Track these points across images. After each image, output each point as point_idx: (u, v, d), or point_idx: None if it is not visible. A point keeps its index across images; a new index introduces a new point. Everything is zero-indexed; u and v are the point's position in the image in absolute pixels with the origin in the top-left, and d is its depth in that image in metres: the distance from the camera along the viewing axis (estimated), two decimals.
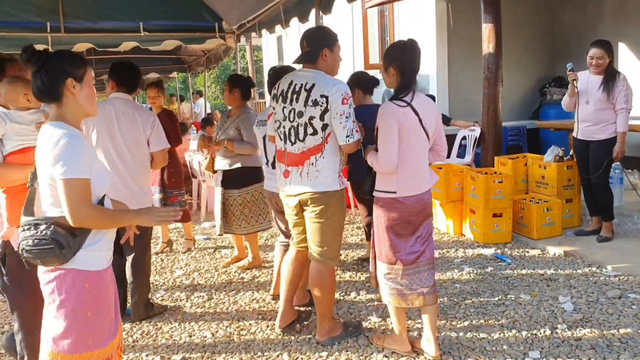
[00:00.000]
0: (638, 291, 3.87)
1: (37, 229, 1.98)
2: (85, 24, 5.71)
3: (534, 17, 8.84)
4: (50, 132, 2.01)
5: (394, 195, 2.93)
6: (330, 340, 3.31)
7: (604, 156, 4.78)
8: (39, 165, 2.06)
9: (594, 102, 4.76)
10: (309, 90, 2.99)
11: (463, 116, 7.78)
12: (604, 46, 4.72)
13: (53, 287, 2.02)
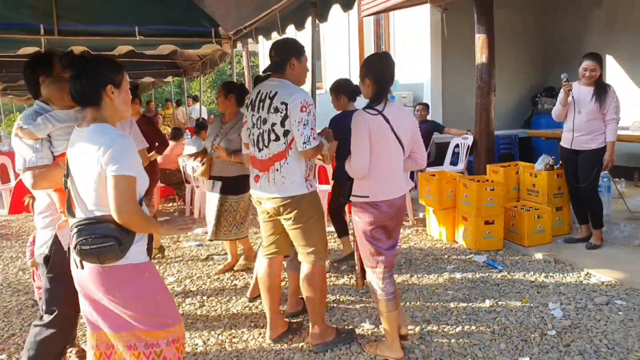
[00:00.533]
0: (625, 298, 3.93)
1: (94, 227, 2.08)
2: (80, 27, 5.69)
3: (527, 28, 8.96)
4: (96, 134, 2.11)
5: (367, 200, 3.04)
6: (322, 346, 3.33)
7: (593, 165, 4.87)
8: (78, 166, 2.14)
9: (587, 112, 4.85)
10: (272, 98, 3.11)
11: (456, 124, 7.89)
12: (596, 58, 4.85)
13: (114, 282, 2.15)
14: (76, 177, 2.16)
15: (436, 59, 8.42)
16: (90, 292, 2.21)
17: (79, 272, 2.18)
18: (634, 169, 7.16)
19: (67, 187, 2.20)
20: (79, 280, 2.23)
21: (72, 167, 2.18)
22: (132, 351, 2.23)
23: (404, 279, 4.56)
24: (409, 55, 9.03)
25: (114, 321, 2.23)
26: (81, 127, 2.19)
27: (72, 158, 2.18)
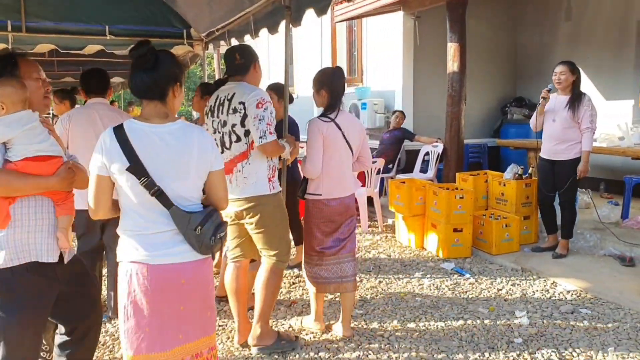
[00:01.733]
0: (589, 307, 4.00)
1: (215, 216, 2.15)
2: (48, 24, 5.54)
3: (498, 39, 9.10)
4: (184, 129, 2.13)
5: (320, 197, 3.39)
6: (261, 348, 3.34)
7: (569, 175, 4.94)
8: (170, 160, 2.07)
9: (561, 120, 4.94)
10: (230, 100, 3.15)
11: (427, 132, 7.95)
12: (567, 64, 4.97)
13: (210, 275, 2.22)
14: (170, 173, 2.07)
15: (408, 66, 8.48)
16: (190, 293, 2.12)
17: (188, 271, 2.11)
18: (599, 180, 7.32)
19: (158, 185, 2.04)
20: (180, 283, 2.09)
21: (160, 163, 2.06)
22: (199, 358, 2.19)
23: (372, 285, 4.55)
24: (381, 62, 9.08)
25: (198, 326, 2.18)
26: (156, 123, 2.10)
27: (158, 154, 2.06)
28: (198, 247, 2.09)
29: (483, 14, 8.52)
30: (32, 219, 2.22)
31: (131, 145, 2.03)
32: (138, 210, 2.09)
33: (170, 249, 2.08)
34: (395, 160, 7.77)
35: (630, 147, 6.10)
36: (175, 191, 2.07)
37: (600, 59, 7.71)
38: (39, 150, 2.23)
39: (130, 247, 2.09)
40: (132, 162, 2.01)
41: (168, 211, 2.06)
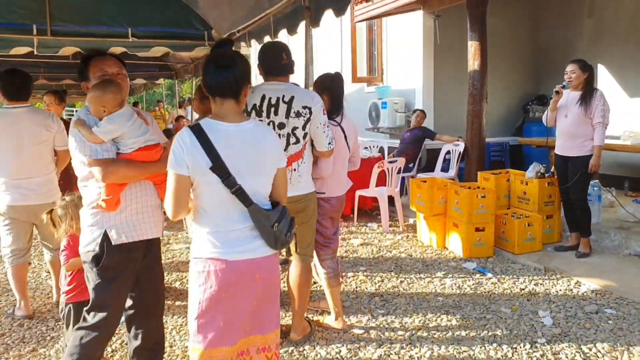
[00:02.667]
0: (614, 306, 3.95)
1: (286, 214, 2.21)
2: (73, 28, 5.64)
3: (519, 37, 9.02)
4: (258, 127, 2.21)
5: (324, 196, 3.53)
6: (304, 339, 3.51)
7: (582, 172, 4.90)
8: (250, 159, 2.13)
9: (572, 115, 4.92)
10: (288, 103, 3.10)
11: (448, 131, 7.91)
12: (577, 62, 4.97)
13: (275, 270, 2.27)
14: (249, 170, 2.12)
15: (428, 65, 8.45)
16: (263, 287, 2.19)
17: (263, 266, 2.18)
18: (624, 178, 7.21)
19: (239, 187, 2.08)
20: (255, 278, 2.16)
21: (240, 161, 2.10)
22: (265, 353, 2.24)
23: (393, 285, 4.55)
24: (401, 62, 9.06)
25: (268, 320, 2.25)
26: (232, 122, 2.14)
27: (238, 152, 2.10)
28: (274, 243, 2.16)
29: (504, 11, 8.44)
30: (140, 201, 2.55)
31: (212, 144, 2.05)
32: (218, 209, 2.12)
33: (247, 245, 2.14)
34: (416, 159, 7.74)
35: None
36: (253, 188, 2.12)
37: (624, 55, 7.58)
38: (147, 140, 2.54)
39: (209, 244, 2.13)
40: (214, 161, 2.04)
41: (247, 209, 2.11)
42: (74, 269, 2.94)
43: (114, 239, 2.47)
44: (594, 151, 4.86)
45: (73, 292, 2.98)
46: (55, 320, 3.99)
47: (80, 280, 2.92)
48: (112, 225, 2.49)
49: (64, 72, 9.23)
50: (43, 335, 3.74)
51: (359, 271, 4.93)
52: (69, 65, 8.77)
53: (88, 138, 2.41)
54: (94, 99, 2.46)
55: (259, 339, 2.22)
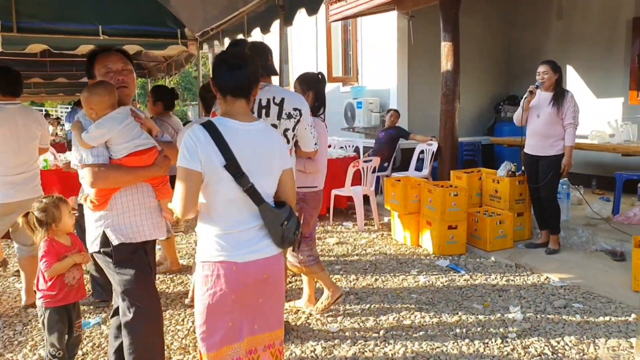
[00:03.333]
0: (582, 301, 4.05)
1: (293, 213, 2.20)
2: (40, 25, 5.52)
3: (491, 38, 9.16)
4: (268, 128, 2.23)
5: (316, 189, 3.70)
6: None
7: (552, 171, 5.02)
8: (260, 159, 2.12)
9: (545, 116, 5.02)
10: (279, 104, 3.10)
11: (421, 130, 8.00)
12: (549, 63, 5.08)
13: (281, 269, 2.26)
14: (259, 170, 2.10)
15: (402, 65, 8.53)
16: (270, 286, 2.19)
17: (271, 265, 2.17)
18: (591, 177, 7.39)
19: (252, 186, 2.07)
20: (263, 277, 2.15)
21: (251, 160, 2.08)
22: (271, 350, 2.24)
23: (368, 283, 4.59)
24: (376, 62, 9.12)
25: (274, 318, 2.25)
26: (243, 121, 2.11)
27: (249, 152, 2.08)
28: (281, 241, 2.16)
29: (476, 13, 8.58)
30: (138, 204, 2.53)
31: (226, 142, 2.03)
32: (227, 208, 2.10)
33: (255, 245, 2.12)
34: (390, 158, 7.81)
35: (621, 144, 6.18)
36: (262, 188, 2.11)
37: (591, 57, 7.78)
38: (139, 145, 2.46)
39: (217, 247, 2.09)
40: (228, 159, 2.02)
41: (258, 207, 2.09)
42: (56, 274, 2.86)
43: (112, 239, 2.47)
44: (566, 151, 4.98)
45: (54, 298, 2.88)
46: (22, 324, 3.91)
47: (61, 285, 2.87)
48: (109, 226, 2.48)
49: (32, 70, 9.03)
50: (10, 340, 3.65)
51: (335, 270, 4.95)
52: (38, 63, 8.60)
53: (79, 142, 2.39)
54: (82, 100, 2.45)
55: (266, 337, 2.22)
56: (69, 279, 2.89)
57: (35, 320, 3.97)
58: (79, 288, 2.96)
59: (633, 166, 6.30)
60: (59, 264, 2.83)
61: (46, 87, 12.41)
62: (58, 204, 2.88)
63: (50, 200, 2.90)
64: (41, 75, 9.46)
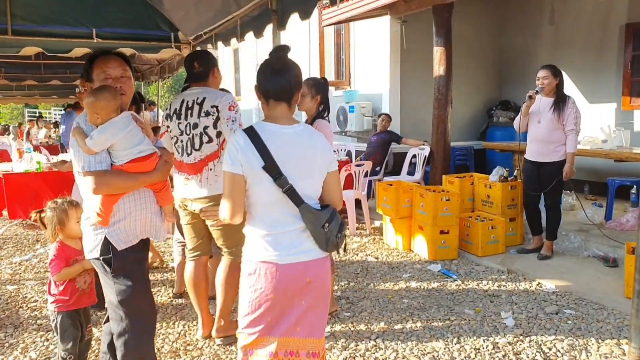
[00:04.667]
0: (574, 307, 4.05)
1: (336, 216, 2.17)
2: (35, 28, 5.51)
3: (483, 43, 9.18)
4: (308, 130, 2.23)
5: None
6: (226, 339, 3.52)
7: (555, 177, 5.01)
8: (301, 159, 2.14)
9: (546, 122, 5.00)
10: (200, 104, 3.33)
11: (414, 135, 8.01)
12: (549, 68, 5.04)
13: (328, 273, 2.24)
14: (298, 172, 2.13)
15: (395, 70, 8.53)
16: (313, 290, 2.18)
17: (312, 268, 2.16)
18: (584, 182, 7.41)
19: (291, 187, 2.09)
20: (305, 280, 2.16)
21: (290, 162, 2.11)
22: (316, 358, 2.23)
23: (360, 287, 4.58)
24: (368, 66, 9.13)
25: (318, 324, 2.24)
26: (284, 124, 2.16)
27: (288, 154, 2.12)
28: (325, 244, 2.14)
29: (469, 17, 8.60)
30: (140, 209, 2.50)
31: (265, 145, 2.07)
32: (269, 210, 2.14)
33: (297, 247, 2.14)
34: (382, 162, 7.81)
35: (613, 150, 6.20)
36: (303, 189, 2.12)
37: (584, 62, 7.82)
38: (141, 151, 2.45)
39: (260, 247, 2.15)
40: (267, 161, 2.06)
41: (298, 209, 2.11)
42: (65, 279, 2.86)
43: (115, 245, 2.44)
44: (568, 158, 4.95)
45: (66, 302, 2.89)
46: (14, 326, 3.89)
47: (73, 289, 2.88)
48: (111, 233, 2.44)
49: (26, 72, 9.00)
50: (1, 342, 3.64)
51: None
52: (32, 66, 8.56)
53: (82, 148, 2.35)
54: (87, 105, 2.40)
55: (309, 342, 2.22)
56: (80, 283, 2.91)
57: (27, 322, 3.97)
58: (90, 292, 2.99)
59: (626, 172, 6.32)
60: (68, 269, 2.85)
61: (40, 89, 12.34)
62: (66, 208, 2.89)
63: (60, 203, 2.92)
64: (35, 77, 9.42)
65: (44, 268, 5.30)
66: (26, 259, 5.67)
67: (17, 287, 4.80)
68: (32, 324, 3.97)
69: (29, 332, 3.80)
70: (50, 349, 3.51)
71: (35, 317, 4.09)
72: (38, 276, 5.10)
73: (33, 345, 3.57)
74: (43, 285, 4.83)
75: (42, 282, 4.92)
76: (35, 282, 4.94)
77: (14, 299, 4.49)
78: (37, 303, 4.37)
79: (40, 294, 4.59)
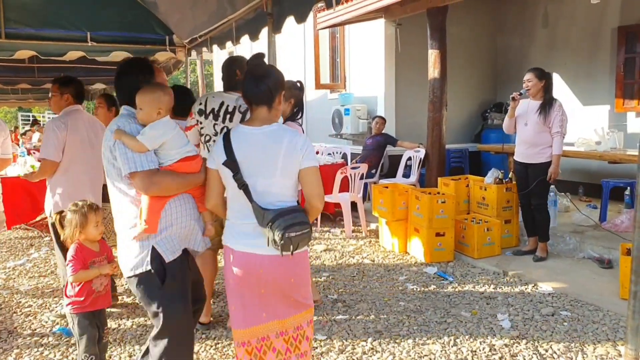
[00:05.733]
0: (569, 308, 4.06)
1: (294, 216, 2.20)
2: (29, 31, 5.49)
3: (478, 45, 9.22)
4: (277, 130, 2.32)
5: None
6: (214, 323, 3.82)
7: (542, 178, 5.04)
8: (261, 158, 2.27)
9: (532, 124, 5.05)
10: (244, 112, 3.36)
11: (409, 137, 8.02)
12: (534, 71, 5.11)
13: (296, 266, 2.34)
14: (260, 170, 2.26)
15: (390, 73, 8.55)
16: (268, 282, 2.31)
17: (264, 263, 2.27)
18: (578, 184, 7.44)
19: (244, 184, 2.24)
20: (258, 273, 2.29)
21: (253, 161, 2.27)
22: (284, 337, 2.40)
23: (356, 290, 4.57)
24: (363, 69, 9.15)
25: (282, 308, 2.38)
26: (256, 126, 2.31)
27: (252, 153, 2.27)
28: (268, 242, 2.21)
29: (463, 20, 8.63)
30: (183, 216, 2.44)
31: (231, 144, 2.29)
32: (232, 201, 2.35)
33: (251, 240, 2.29)
34: (378, 165, 7.82)
35: (607, 152, 6.23)
36: (266, 187, 2.26)
37: (577, 65, 7.86)
38: (189, 151, 2.44)
39: (227, 233, 2.39)
40: (228, 157, 2.27)
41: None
42: (82, 280, 2.85)
43: (164, 256, 2.36)
44: (553, 160, 5.00)
45: (82, 304, 2.88)
46: (8, 332, 3.86)
47: (89, 291, 2.87)
48: (160, 243, 2.36)
49: (20, 75, 8.96)
50: None
51: (322, 277, 4.94)
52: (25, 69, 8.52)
53: (133, 147, 2.27)
54: (153, 99, 2.35)
55: (274, 325, 2.38)
56: (96, 285, 2.90)
57: (21, 328, 3.94)
58: (105, 295, 2.98)
59: (620, 173, 6.35)
60: (85, 272, 2.84)
61: (34, 92, 12.30)
62: (86, 212, 2.89)
63: (80, 206, 2.92)
64: (29, 81, 9.38)
65: (38, 273, 5.27)
66: (20, 263, 5.64)
67: (10, 292, 4.76)
68: (26, 329, 3.94)
69: (23, 337, 3.77)
70: (45, 355, 3.49)
71: (29, 322, 4.06)
72: (32, 281, 5.07)
73: (27, 351, 3.55)
74: (37, 290, 4.80)
75: (36, 287, 4.89)
76: (29, 287, 4.91)
77: (8, 304, 4.46)
78: (32, 308, 4.34)
79: (34, 299, 4.56)
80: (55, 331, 3.85)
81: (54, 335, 3.79)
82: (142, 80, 2.45)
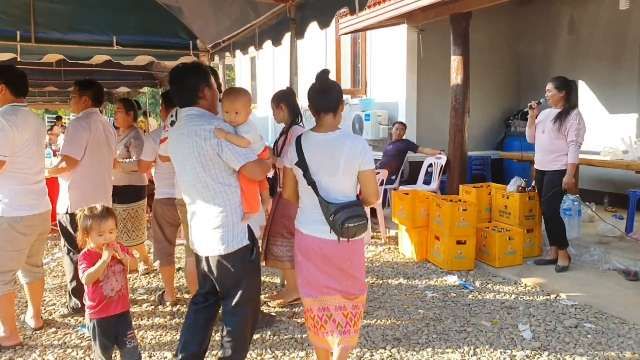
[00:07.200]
0: (594, 321, 3.98)
1: (354, 209, 2.64)
2: (57, 35, 5.61)
3: (501, 52, 9.14)
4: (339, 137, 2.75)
5: None
6: None
7: (554, 186, 5.00)
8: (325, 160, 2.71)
9: (548, 132, 5.05)
10: None
11: (430, 144, 7.96)
12: (554, 81, 5.10)
13: (353, 252, 2.80)
14: (324, 170, 2.71)
15: (412, 79, 8.51)
16: (329, 262, 2.76)
17: (326, 246, 2.73)
18: (603, 194, 7.31)
19: (312, 181, 2.71)
20: (322, 252, 2.75)
21: (318, 162, 2.71)
22: (342, 311, 2.82)
23: (375, 297, 4.55)
24: (385, 74, 9.12)
25: (340, 286, 2.80)
26: (322, 132, 2.77)
27: (318, 156, 2.72)
28: (329, 230, 2.68)
29: (487, 26, 8.56)
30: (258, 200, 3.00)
31: (302, 148, 2.76)
32: (304, 194, 2.82)
33: (318, 226, 2.74)
34: (398, 171, 7.77)
35: (634, 161, 6.09)
36: (329, 184, 2.71)
37: (603, 72, 7.73)
38: (263, 142, 2.99)
39: (299, 218, 2.88)
40: (299, 158, 2.75)
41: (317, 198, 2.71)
42: (91, 281, 2.81)
43: (255, 232, 2.94)
44: (568, 169, 4.94)
45: (94, 309, 2.85)
46: (32, 329, 3.92)
47: (100, 296, 2.83)
48: (252, 221, 2.91)
49: (47, 78, 9.14)
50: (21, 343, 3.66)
51: None
52: (53, 72, 8.68)
53: (240, 143, 2.75)
54: (243, 102, 2.84)
55: (333, 299, 2.81)
56: (107, 290, 2.85)
57: (45, 325, 4.00)
58: (119, 300, 2.90)
59: None
60: (92, 268, 2.78)
61: (60, 95, 12.51)
62: (91, 222, 2.83)
63: (88, 213, 2.87)
64: (56, 84, 9.55)
65: (62, 272, 5.35)
66: (45, 262, 5.73)
67: None
68: (51, 326, 4.00)
69: (47, 334, 3.83)
70: (68, 352, 3.54)
71: (53, 319, 4.13)
72: (56, 280, 5.16)
73: (51, 349, 3.60)
74: (61, 289, 4.87)
75: (59, 285, 4.97)
76: (54, 285, 4.99)
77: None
78: (55, 306, 4.41)
79: (58, 297, 4.63)
80: (77, 329, 3.90)
81: (76, 334, 3.84)
82: (208, 82, 2.87)
